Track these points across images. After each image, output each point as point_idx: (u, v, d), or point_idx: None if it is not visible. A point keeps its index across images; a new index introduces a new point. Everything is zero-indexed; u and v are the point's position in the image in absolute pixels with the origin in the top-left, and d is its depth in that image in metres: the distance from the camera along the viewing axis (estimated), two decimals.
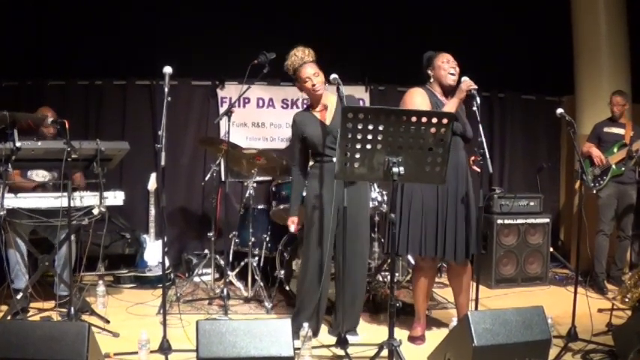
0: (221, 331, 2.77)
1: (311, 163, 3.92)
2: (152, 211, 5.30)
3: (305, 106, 4.13)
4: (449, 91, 3.79)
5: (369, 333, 3.97)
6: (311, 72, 3.73)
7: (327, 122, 3.78)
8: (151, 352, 3.37)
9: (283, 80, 6.30)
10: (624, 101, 5.38)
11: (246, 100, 6.24)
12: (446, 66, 3.75)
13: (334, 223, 3.71)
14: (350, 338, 3.69)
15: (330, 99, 3.85)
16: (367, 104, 6.23)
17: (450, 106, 3.62)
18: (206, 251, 5.50)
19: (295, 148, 3.96)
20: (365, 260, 3.99)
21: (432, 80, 3.85)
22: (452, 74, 3.73)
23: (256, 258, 4.94)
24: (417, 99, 3.75)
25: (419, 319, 3.98)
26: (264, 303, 4.59)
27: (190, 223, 6.25)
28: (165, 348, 3.43)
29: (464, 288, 3.95)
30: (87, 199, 3.94)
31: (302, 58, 3.74)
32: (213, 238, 5.20)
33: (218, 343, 2.74)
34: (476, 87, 3.58)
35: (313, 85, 3.73)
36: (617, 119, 5.42)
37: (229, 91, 6.21)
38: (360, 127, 2.88)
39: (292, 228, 4.00)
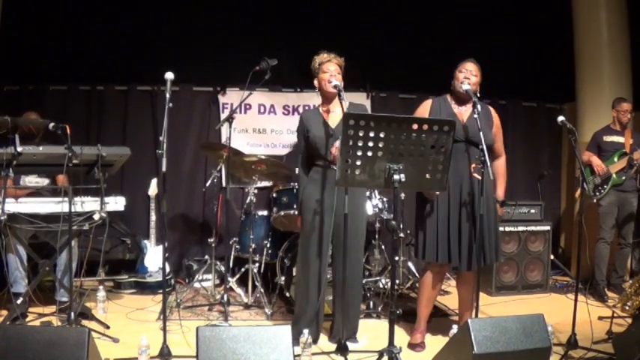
0: (221, 338, 2.77)
1: (313, 166, 3.90)
2: (153, 217, 5.30)
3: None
4: (463, 99, 3.82)
5: (369, 340, 3.96)
6: (333, 69, 3.79)
7: (333, 126, 3.79)
8: (151, 357, 3.37)
9: (285, 86, 6.34)
10: (631, 107, 5.36)
11: (248, 107, 6.25)
12: (460, 75, 3.78)
13: (332, 230, 3.71)
14: (350, 345, 3.69)
15: (339, 106, 3.84)
16: (368, 111, 6.23)
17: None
18: (206, 257, 5.50)
19: (300, 147, 3.98)
20: (360, 268, 4.00)
21: (452, 88, 3.89)
22: (464, 84, 3.73)
23: (257, 264, 4.94)
24: (418, 109, 3.95)
25: (419, 326, 3.97)
26: (265, 309, 4.58)
27: (191, 228, 6.25)
28: (165, 354, 3.43)
29: (472, 296, 3.95)
30: (88, 204, 3.94)
31: (331, 56, 3.83)
32: (213, 244, 5.19)
33: (218, 349, 2.74)
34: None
35: (331, 76, 3.76)
36: (624, 127, 5.39)
37: (231, 97, 6.22)
38: (361, 134, 2.89)
39: None
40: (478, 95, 3.75)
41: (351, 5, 6.22)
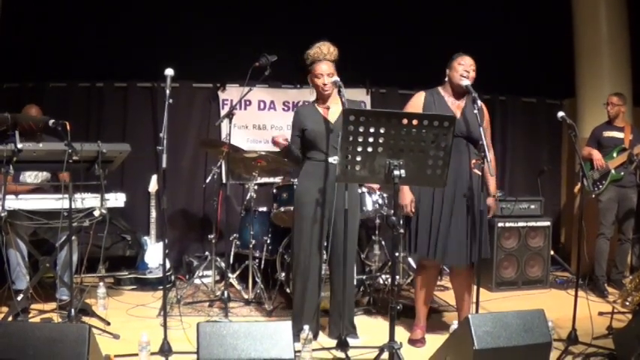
0: (222, 334, 2.77)
1: (307, 160, 3.89)
2: (153, 213, 5.30)
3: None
4: (460, 93, 3.82)
5: (370, 335, 3.96)
6: (325, 70, 3.77)
7: (332, 121, 3.78)
8: (152, 354, 3.37)
9: (285, 82, 6.33)
10: (620, 102, 5.36)
11: (248, 103, 6.25)
12: (460, 68, 3.76)
13: (330, 226, 3.70)
14: (350, 341, 3.69)
15: (337, 102, 3.82)
16: (368, 107, 6.24)
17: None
18: (207, 253, 5.50)
19: (293, 140, 3.91)
20: (354, 262, 4.01)
21: (446, 80, 3.87)
22: (463, 77, 3.73)
23: (257, 260, 4.95)
24: (411, 101, 3.96)
25: (419, 322, 3.97)
26: (265, 305, 4.59)
27: (191, 225, 6.25)
28: (165, 350, 3.43)
29: (466, 290, 3.95)
30: (88, 200, 3.94)
31: (324, 54, 3.80)
32: (213, 241, 5.19)
33: (219, 345, 2.74)
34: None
35: (324, 84, 3.77)
36: (612, 120, 5.41)
37: (230, 93, 6.22)
38: (361, 129, 2.89)
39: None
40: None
41: (351, 1, 6.21)
